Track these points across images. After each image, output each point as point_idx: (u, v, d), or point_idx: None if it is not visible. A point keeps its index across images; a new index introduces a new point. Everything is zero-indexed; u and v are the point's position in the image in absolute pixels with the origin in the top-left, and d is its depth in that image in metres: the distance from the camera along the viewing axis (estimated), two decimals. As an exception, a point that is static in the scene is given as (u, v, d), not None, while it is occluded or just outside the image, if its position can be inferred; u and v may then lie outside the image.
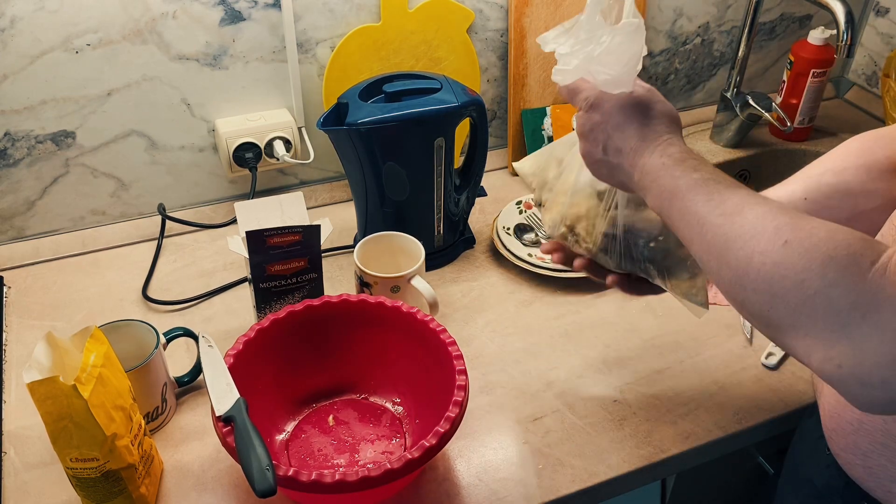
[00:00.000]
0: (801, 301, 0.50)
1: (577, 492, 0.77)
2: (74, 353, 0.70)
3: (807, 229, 0.51)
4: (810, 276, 0.49)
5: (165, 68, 1.02)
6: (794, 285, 0.50)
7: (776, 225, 0.52)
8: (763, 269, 0.52)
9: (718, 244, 0.55)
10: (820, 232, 0.51)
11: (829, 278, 0.49)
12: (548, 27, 1.17)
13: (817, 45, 1.25)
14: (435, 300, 0.90)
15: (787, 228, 0.52)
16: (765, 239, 0.52)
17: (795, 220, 0.52)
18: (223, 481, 0.77)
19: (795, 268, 0.50)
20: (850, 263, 0.49)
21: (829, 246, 0.50)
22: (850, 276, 0.48)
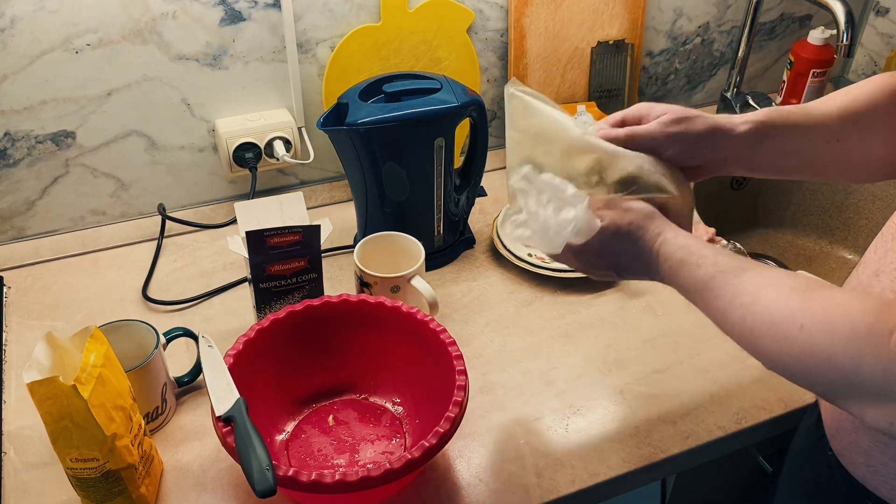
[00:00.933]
0: (836, 376, 0.53)
1: (577, 492, 0.77)
2: (74, 353, 0.70)
3: (820, 309, 0.54)
4: (836, 354, 0.53)
5: (165, 68, 1.02)
6: (826, 363, 0.53)
7: (790, 311, 0.56)
8: (792, 354, 0.55)
9: (746, 336, 0.59)
10: (835, 310, 0.54)
11: (853, 353, 0.52)
12: (548, 27, 1.18)
13: (817, 45, 1.25)
14: (435, 300, 0.90)
15: (800, 312, 0.55)
16: (784, 327, 0.55)
17: (807, 301, 0.55)
18: (223, 481, 0.77)
19: (821, 349, 0.53)
20: (870, 336, 0.51)
21: (847, 322, 0.53)
22: (874, 347, 0.51)
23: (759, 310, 0.57)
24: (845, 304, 0.54)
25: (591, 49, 1.22)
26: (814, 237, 1.34)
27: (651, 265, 0.67)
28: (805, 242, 1.34)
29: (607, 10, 1.20)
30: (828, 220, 1.32)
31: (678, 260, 0.64)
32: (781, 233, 1.35)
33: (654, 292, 1.01)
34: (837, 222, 1.31)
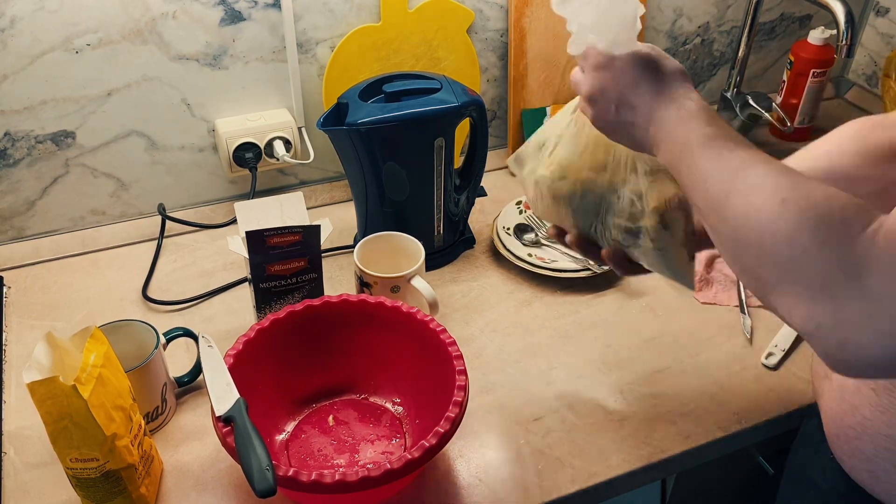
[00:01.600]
0: (789, 258, 0.51)
1: (577, 492, 0.77)
2: (74, 353, 0.70)
3: (806, 189, 0.52)
4: (801, 235, 0.50)
5: (165, 68, 1.02)
6: (785, 241, 0.51)
7: (776, 182, 0.53)
8: (758, 225, 0.52)
9: (720, 198, 0.56)
10: (818, 193, 0.51)
11: (820, 238, 0.49)
12: (548, 27, 1.17)
13: (817, 45, 1.25)
14: (435, 300, 0.90)
15: (786, 187, 0.52)
16: (763, 195, 0.53)
17: (797, 180, 0.53)
18: (223, 481, 0.77)
19: (788, 225, 0.51)
20: (842, 225, 0.49)
21: (825, 207, 0.50)
22: (841, 237, 0.49)
23: (743, 176, 0.55)
24: (832, 193, 0.52)
25: (591, 49, 1.22)
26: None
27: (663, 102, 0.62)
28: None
29: (607, 10, 1.20)
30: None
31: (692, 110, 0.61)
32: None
33: (654, 292, 1.01)
34: (837, 222, 1.31)
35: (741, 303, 0.99)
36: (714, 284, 1.02)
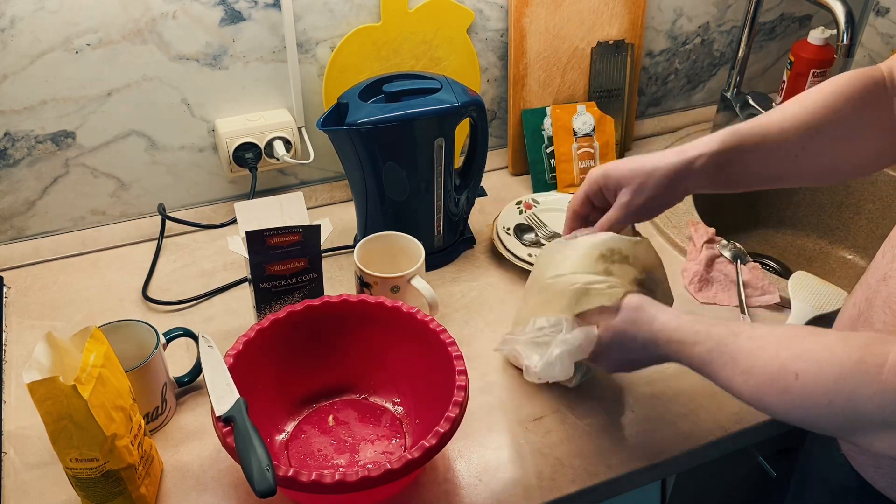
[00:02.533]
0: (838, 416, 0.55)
1: (577, 492, 0.77)
2: (74, 353, 0.70)
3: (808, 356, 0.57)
4: (833, 397, 0.55)
5: (165, 68, 1.02)
6: (826, 407, 0.55)
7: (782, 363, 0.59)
8: (795, 404, 0.58)
9: (753, 397, 0.62)
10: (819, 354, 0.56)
11: (848, 393, 0.54)
12: (548, 27, 1.17)
13: (817, 45, 1.25)
14: (435, 300, 0.90)
15: (790, 362, 0.58)
16: (781, 380, 0.58)
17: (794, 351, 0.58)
18: (223, 481, 0.77)
19: (818, 394, 0.56)
20: (859, 374, 0.54)
21: (834, 364, 0.55)
22: (865, 385, 0.53)
23: (756, 371, 0.60)
24: (830, 345, 0.56)
25: (591, 49, 1.22)
26: (814, 237, 1.34)
27: (657, 353, 0.70)
28: (805, 242, 1.34)
29: (607, 10, 1.20)
30: (828, 220, 1.32)
31: (677, 341, 0.68)
32: (781, 233, 1.35)
33: (654, 292, 1.01)
34: (837, 222, 1.31)
35: (741, 303, 0.99)
36: (714, 284, 1.02)
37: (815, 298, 0.97)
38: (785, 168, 0.76)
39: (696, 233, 1.09)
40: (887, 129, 0.74)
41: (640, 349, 0.71)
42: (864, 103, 0.74)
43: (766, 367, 0.60)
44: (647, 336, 0.70)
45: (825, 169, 0.76)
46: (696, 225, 1.11)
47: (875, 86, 0.74)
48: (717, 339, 0.65)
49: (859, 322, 0.69)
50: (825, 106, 0.74)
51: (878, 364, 0.52)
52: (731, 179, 0.76)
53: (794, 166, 0.76)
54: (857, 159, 0.76)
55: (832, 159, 0.76)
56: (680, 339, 0.68)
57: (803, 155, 0.75)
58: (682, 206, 1.17)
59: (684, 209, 1.16)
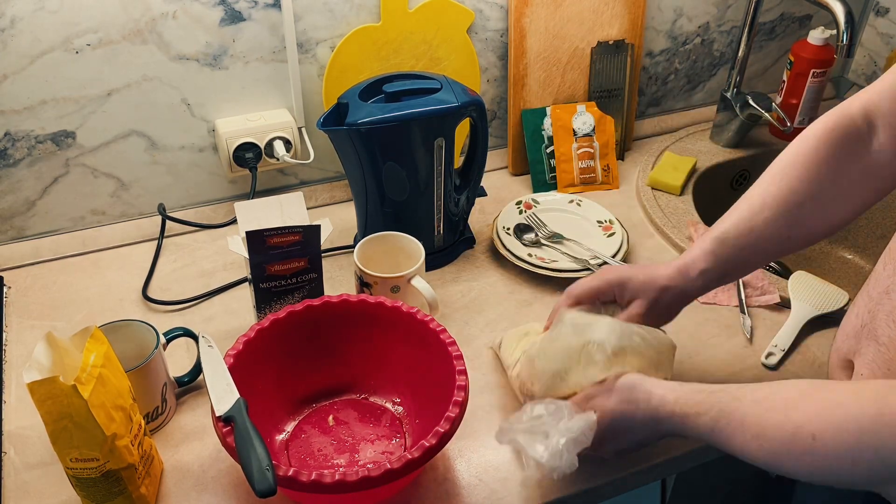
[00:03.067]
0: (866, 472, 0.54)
1: (577, 492, 0.77)
2: (74, 353, 0.70)
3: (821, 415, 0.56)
4: (857, 455, 0.54)
5: (165, 68, 1.02)
6: (851, 465, 0.55)
7: (796, 426, 0.57)
8: (818, 466, 0.57)
9: (771, 462, 0.60)
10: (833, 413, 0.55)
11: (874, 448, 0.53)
12: (548, 27, 1.17)
13: (817, 45, 1.25)
14: (435, 300, 0.90)
15: (805, 424, 0.57)
16: (798, 443, 0.57)
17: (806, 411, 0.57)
18: (223, 481, 0.77)
19: (841, 454, 0.55)
20: (880, 428, 0.53)
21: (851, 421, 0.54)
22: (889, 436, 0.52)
23: (769, 436, 0.59)
24: (842, 403, 0.55)
25: (591, 49, 1.22)
26: (814, 237, 1.34)
27: (658, 429, 0.69)
28: (805, 242, 1.34)
29: (607, 10, 1.20)
30: (828, 220, 1.32)
31: (679, 415, 0.66)
32: (781, 233, 1.35)
33: (654, 292, 1.01)
34: (837, 222, 1.31)
35: (741, 303, 0.99)
36: (714, 284, 1.02)
37: (815, 298, 0.97)
38: (780, 248, 0.78)
39: (696, 233, 1.09)
40: (871, 174, 0.75)
41: (641, 428, 0.70)
42: (842, 161, 0.74)
43: (779, 430, 0.59)
44: (645, 414, 0.69)
45: (819, 231, 0.77)
46: (696, 225, 1.11)
47: (850, 137, 0.74)
48: (720, 406, 0.64)
49: (863, 334, 0.69)
50: (803, 178, 0.75)
51: (893, 414, 0.52)
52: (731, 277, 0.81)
53: (787, 243, 0.77)
54: (847, 210, 0.76)
55: (823, 220, 0.76)
56: (682, 413, 0.66)
57: (795, 230, 0.76)
58: (682, 206, 1.17)
59: (684, 209, 1.16)
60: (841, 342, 0.74)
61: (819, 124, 0.76)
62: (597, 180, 1.22)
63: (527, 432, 0.71)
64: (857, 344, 0.70)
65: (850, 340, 0.72)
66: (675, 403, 0.67)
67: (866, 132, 0.74)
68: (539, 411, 0.72)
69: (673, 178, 1.20)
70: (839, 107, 0.77)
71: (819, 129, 0.76)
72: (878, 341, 0.66)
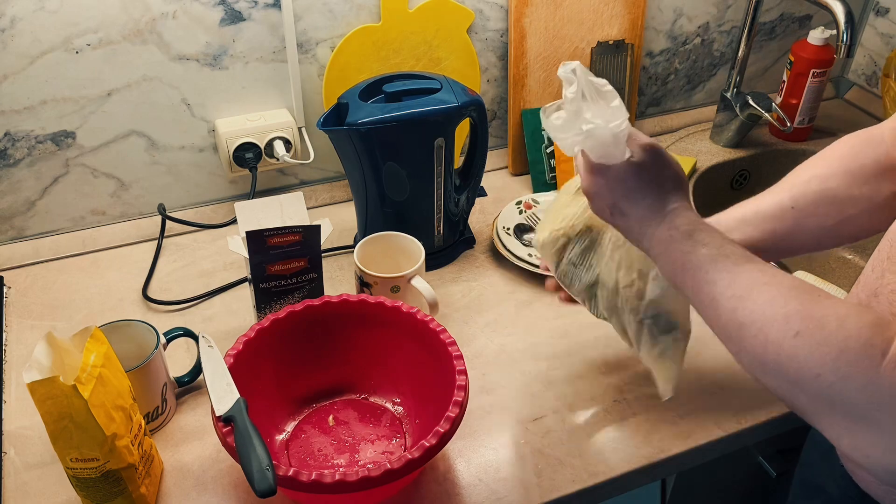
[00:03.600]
0: (819, 392, 0.51)
1: (577, 492, 0.77)
2: (74, 353, 0.70)
3: (817, 318, 0.52)
4: (824, 371, 0.50)
5: (165, 68, 1.02)
6: (811, 378, 0.51)
7: (786, 313, 0.53)
8: (778, 360, 0.52)
9: (733, 328, 0.56)
10: (831, 321, 0.51)
11: (843, 372, 0.49)
12: (548, 27, 1.17)
13: (817, 45, 1.25)
14: (435, 300, 0.90)
15: (796, 317, 0.52)
16: (776, 328, 0.53)
17: (805, 306, 0.53)
18: (223, 481, 0.77)
19: (809, 362, 0.51)
20: (861, 356, 0.49)
21: (840, 338, 0.50)
22: (863, 370, 0.49)
23: (752, 305, 0.55)
24: (842, 315, 0.51)
25: (591, 49, 1.22)
26: (814, 237, 1.34)
27: (654, 219, 0.63)
28: (805, 242, 1.34)
29: (607, 10, 1.20)
30: (828, 220, 1.32)
31: (685, 231, 0.61)
32: (781, 233, 1.35)
33: (654, 292, 1.01)
34: (837, 222, 1.31)
35: (741, 303, 0.99)
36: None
37: (815, 298, 0.97)
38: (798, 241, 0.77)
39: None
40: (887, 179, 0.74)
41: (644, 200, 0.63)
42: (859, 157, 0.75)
43: (767, 307, 0.54)
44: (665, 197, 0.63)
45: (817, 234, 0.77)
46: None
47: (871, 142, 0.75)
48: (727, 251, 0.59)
49: None
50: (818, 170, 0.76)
51: (882, 351, 0.49)
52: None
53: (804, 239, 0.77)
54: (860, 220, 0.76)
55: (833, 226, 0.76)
56: (689, 231, 0.61)
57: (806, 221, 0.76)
58: (682, 206, 1.17)
59: (684, 209, 1.16)
60: None
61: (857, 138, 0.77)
62: (597, 180, 1.22)
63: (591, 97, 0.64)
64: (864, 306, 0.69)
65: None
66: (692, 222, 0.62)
67: (891, 141, 0.74)
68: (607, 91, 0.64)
69: (673, 178, 1.20)
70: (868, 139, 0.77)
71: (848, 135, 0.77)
72: None
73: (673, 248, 0.61)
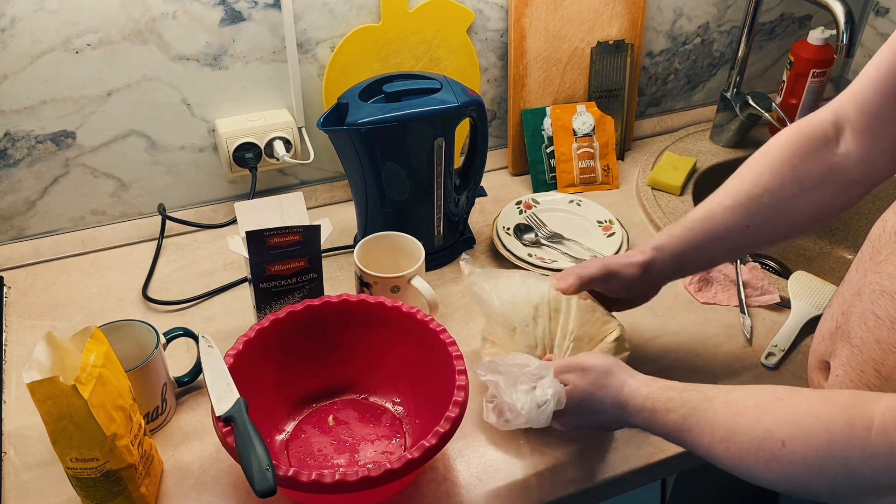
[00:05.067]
0: (831, 482, 0.54)
1: (577, 492, 0.77)
2: (74, 353, 0.70)
3: (792, 422, 0.56)
4: (824, 464, 0.53)
5: (165, 68, 1.02)
6: (817, 474, 0.54)
7: (766, 430, 0.57)
8: (785, 472, 0.56)
9: (737, 465, 0.61)
10: (804, 419, 0.55)
11: (840, 459, 0.53)
12: (548, 27, 1.17)
13: (817, 45, 1.25)
14: (435, 300, 0.90)
15: (776, 429, 0.57)
16: (767, 448, 0.57)
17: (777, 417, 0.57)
18: (223, 481, 0.77)
19: (809, 462, 0.54)
20: (849, 438, 0.52)
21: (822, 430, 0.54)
22: (857, 449, 0.52)
23: (738, 439, 0.59)
24: (813, 409, 0.55)
25: (591, 49, 1.22)
26: (813, 237, 1.34)
27: (625, 418, 0.70)
28: (805, 242, 1.34)
29: (607, 10, 1.20)
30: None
31: (649, 410, 0.67)
32: (781, 233, 1.35)
33: (654, 292, 1.01)
34: (837, 222, 1.31)
35: (741, 303, 0.99)
36: (714, 284, 1.02)
37: (815, 298, 0.97)
38: (739, 239, 0.79)
39: (696, 233, 1.09)
40: (834, 177, 0.76)
41: (606, 412, 0.71)
42: (807, 160, 0.76)
43: (749, 434, 0.59)
44: (613, 402, 0.70)
45: (779, 227, 0.78)
46: (696, 225, 1.11)
47: (816, 139, 0.76)
48: (690, 405, 0.64)
49: (837, 335, 0.70)
50: (765, 173, 0.77)
51: (866, 427, 0.52)
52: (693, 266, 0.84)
53: (746, 234, 0.78)
54: (809, 211, 0.77)
55: (782, 217, 0.77)
56: (652, 408, 0.67)
57: (753, 222, 0.77)
58: (681, 206, 1.17)
59: (684, 209, 1.16)
60: (817, 344, 0.75)
61: (791, 127, 0.78)
62: (597, 180, 1.22)
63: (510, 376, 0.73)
64: (832, 346, 0.71)
65: (825, 342, 0.73)
66: (647, 398, 0.68)
67: (833, 136, 0.76)
68: (525, 361, 0.74)
69: (673, 178, 1.20)
70: (814, 112, 0.79)
71: (790, 131, 0.78)
72: (851, 343, 0.67)
73: (653, 426, 0.68)
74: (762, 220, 0.77)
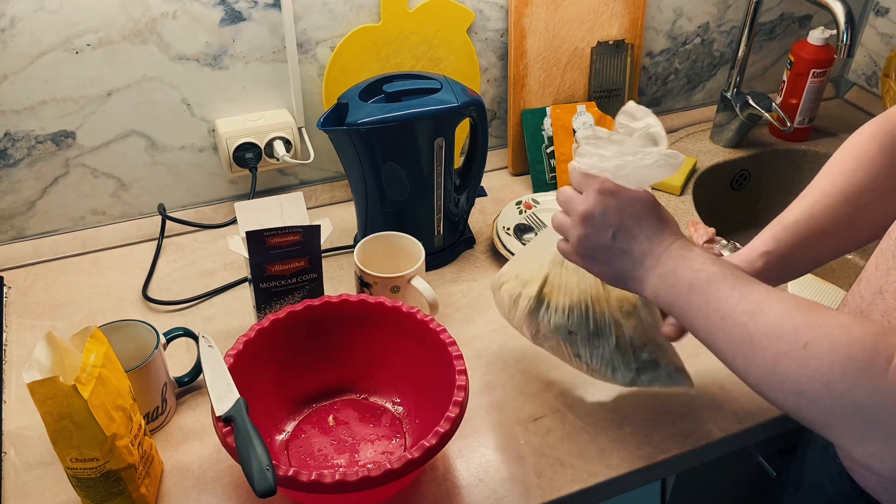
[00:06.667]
0: (829, 401, 0.52)
1: (577, 492, 0.77)
2: (74, 353, 0.70)
3: (824, 328, 0.53)
4: (834, 378, 0.51)
5: (165, 68, 1.02)
6: (822, 387, 0.52)
7: (795, 325, 0.54)
8: (789, 371, 0.53)
9: (743, 342, 0.57)
10: (836, 330, 0.52)
11: (851, 379, 0.50)
12: (548, 27, 1.17)
13: (817, 45, 1.25)
14: (435, 300, 0.90)
15: (805, 328, 0.53)
16: (787, 340, 0.54)
17: (812, 318, 0.54)
18: (223, 481, 0.77)
19: (819, 370, 0.52)
20: (868, 364, 0.50)
21: (846, 344, 0.51)
22: (871, 376, 0.50)
23: (763, 319, 0.56)
24: (846, 325, 0.52)
25: (591, 49, 1.22)
26: (814, 237, 1.34)
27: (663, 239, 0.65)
28: (805, 242, 1.33)
29: (607, 10, 1.20)
30: (828, 220, 1.32)
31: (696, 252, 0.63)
32: (781, 233, 1.35)
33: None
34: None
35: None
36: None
37: (815, 298, 0.97)
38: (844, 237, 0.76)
39: (696, 233, 1.09)
40: None
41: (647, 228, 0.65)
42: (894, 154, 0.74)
43: (777, 321, 0.55)
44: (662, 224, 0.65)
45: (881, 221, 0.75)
46: (696, 225, 1.11)
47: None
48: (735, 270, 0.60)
49: None
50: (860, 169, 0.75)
51: (888, 358, 0.49)
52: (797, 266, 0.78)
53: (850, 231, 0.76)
54: None
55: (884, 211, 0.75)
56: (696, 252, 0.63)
57: (856, 219, 0.75)
58: (682, 206, 1.17)
59: (684, 209, 1.16)
60: None
61: (872, 123, 0.77)
62: (597, 180, 1.22)
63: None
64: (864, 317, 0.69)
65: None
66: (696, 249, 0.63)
67: None
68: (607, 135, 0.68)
69: (673, 178, 1.20)
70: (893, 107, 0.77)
71: (873, 126, 0.76)
72: None
73: (683, 266, 0.62)
74: (864, 216, 0.75)
